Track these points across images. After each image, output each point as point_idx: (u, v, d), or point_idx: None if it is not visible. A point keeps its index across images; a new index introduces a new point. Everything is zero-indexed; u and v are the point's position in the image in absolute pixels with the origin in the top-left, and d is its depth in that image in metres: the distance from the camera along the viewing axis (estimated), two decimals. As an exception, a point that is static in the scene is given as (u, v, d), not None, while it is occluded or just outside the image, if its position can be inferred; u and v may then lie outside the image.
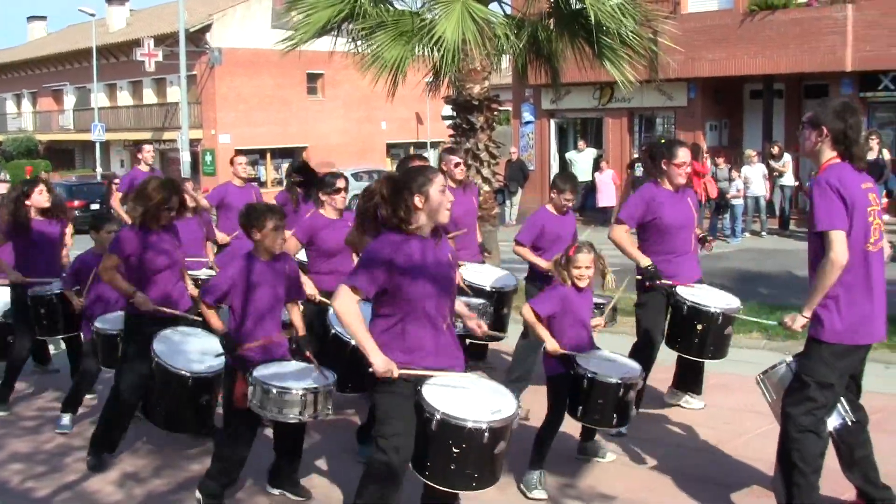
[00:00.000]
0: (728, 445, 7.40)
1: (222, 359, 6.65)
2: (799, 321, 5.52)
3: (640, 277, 7.80)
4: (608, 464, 7.09)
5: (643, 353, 7.67)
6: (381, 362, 5.06)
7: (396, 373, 5.08)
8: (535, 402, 7.39)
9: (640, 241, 7.86)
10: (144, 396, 7.15)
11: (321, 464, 7.25)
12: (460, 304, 5.73)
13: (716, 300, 7.55)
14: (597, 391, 6.39)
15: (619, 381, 6.38)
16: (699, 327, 7.46)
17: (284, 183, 9.80)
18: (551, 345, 6.54)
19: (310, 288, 7.66)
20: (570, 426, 6.93)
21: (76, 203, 30.26)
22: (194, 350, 7.02)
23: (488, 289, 8.55)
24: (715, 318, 7.42)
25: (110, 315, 7.98)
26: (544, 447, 6.65)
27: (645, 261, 7.65)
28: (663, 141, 8.55)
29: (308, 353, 6.39)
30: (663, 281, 7.63)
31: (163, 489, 6.94)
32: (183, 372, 6.77)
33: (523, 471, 6.64)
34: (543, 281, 7.95)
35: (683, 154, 7.69)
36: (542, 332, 6.61)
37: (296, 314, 6.72)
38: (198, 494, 6.42)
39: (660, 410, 8.24)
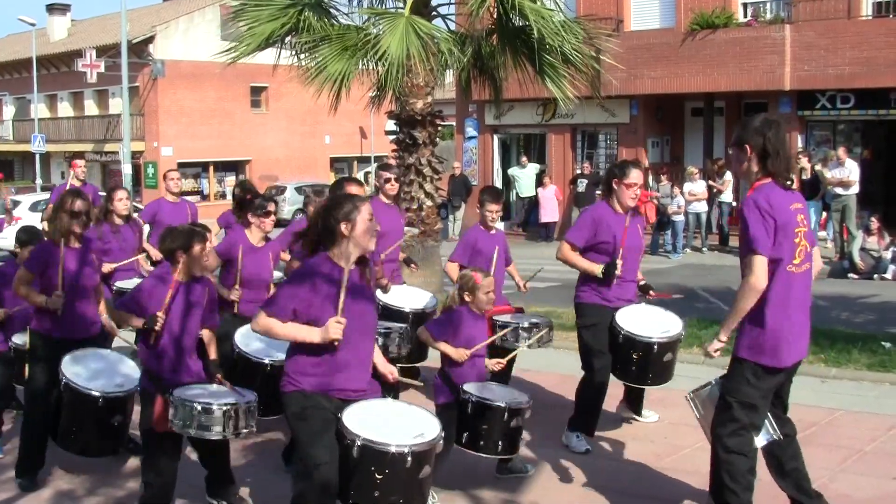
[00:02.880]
0: (665, 460, 7.44)
1: (135, 377, 6.61)
2: (715, 345, 5.57)
3: (580, 302, 7.70)
4: (547, 480, 7.09)
5: (596, 377, 7.57)
6: (322, 331, 5.07)
7: (342, 320, 5.04)
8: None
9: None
10: (54, 425, 6.95)
11: (255, 482, 7.17)
12: (376, 353, 5.66)
13: (654, 327, 7.43)
14: (483, 417, 6.33)
15: (505, 406, 6.32)
16: (635, 356, 7.41)
17: (232, 203, 9.71)
18: (456, 354, 6.53)
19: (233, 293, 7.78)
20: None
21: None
22: (106, 371, 6.88)
23: (407, 310, 8.56)
24: (650, 348, 7.36)
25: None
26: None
27: (597, 267, 7.47)
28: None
29: (219, 376, 6.33)
30: (618, 272, 7.44)
31: (99, 507, 6.84)
32: (94, 392, 6.63)
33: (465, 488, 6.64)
34: None
35: (635, 175, 7.48)
36: (442, 346, 6.63)
37: (208, 337, 6.64)
38: None
39: (600, 425, 8.27)
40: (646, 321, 7.52)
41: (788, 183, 5.47)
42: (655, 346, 7.36)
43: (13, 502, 6.95)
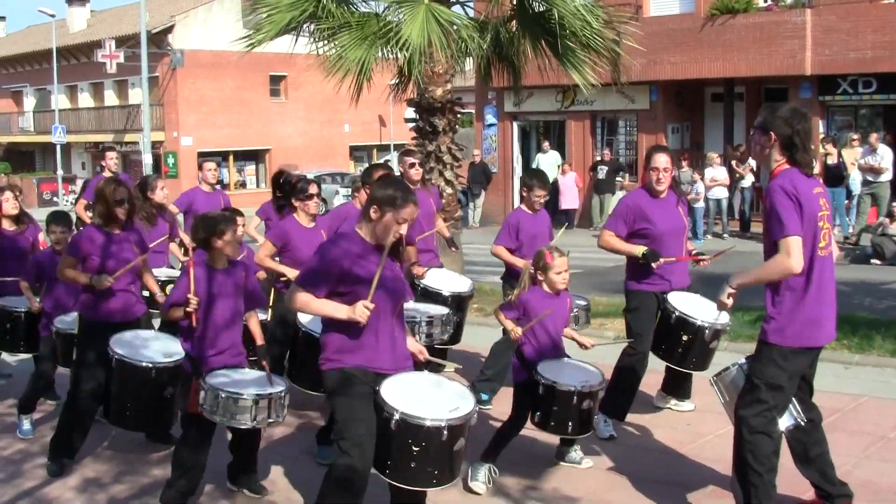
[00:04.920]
0: (688, 447, 7.45)
1: (181, 353, 6.70)
2: (725, 291, 5.57)
3: (627, 289, 7.76)
4: (570, 466, 7.10)
5: (633, 358, 7.66)
6: (350, 311, 5.16)
7: (370, 305, 5.13)
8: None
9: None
10: (105, 401, 7.09)
11: (281, 465, 7.23)
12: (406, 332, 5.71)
13: (705, 313, 7.46)
14: (554, 399, 6.41)
15: (575, 389, 6.38)
16: (685, 338, 7.44)
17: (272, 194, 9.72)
18: (512, 330, 6.62)
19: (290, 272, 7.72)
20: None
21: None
22: (153, 348, 7.02)
23: (445, 294, 8.59)
24: (701, 332, 7.40)
25: (69, 315, 7.91)
26: (500, 445, 6.70)
27: (639, 249, 7.50)
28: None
29: (265, 363, 6.40)
30: (664, 259, 7.50)
31: (125, 494, 6.88)
32: (145, 364, 6.77)
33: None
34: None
35: (657, 160, 7.56)
36: (505, 321, 6.75)
37: (254, 323, 6.74)
38: None
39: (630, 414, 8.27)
40: (698, 306, 7.56)
41: (808, 170, 5.47)
42: (707, 331, 7.40)
43: (40, 489, 7.01)
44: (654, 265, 7.51)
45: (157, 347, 7.04)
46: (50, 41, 46.26)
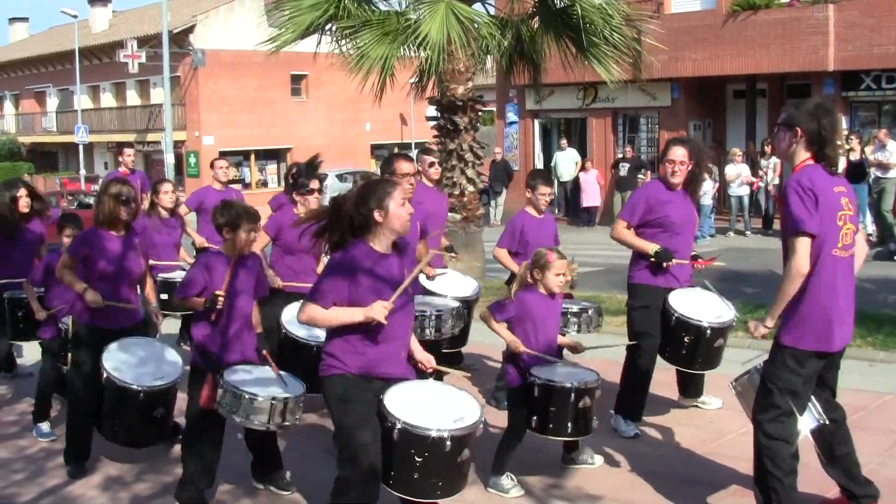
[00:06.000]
0: (711, 445, 7.41)
1: (177, 368, 6.69)
2: (761, 330, 5.51)
3: (632, 283, 7.70)
4: (587, 467, 7.06)
5: (640, 356, 7.60)
6: (371, 311, 5.06)
7: (389, 304, 5.05)
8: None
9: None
10: (98, 416, 6.99)
11: (300, 465, 7.22)
12: (413, 341, 5.62)
13: (707, 311, 7.39)
14: (550, 399, 6.30)
15: (571, 386, 6.28)
16: (687, 339, 7.38)
17: (284, 185, 9.75)
18: (512, 344, 6.49)
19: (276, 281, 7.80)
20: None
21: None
22: (147, 366, 6.87)
23: (449, 298, 8.51)
24: (703, 332, 7.34)
25: None
26: (504, 457, 6.59)
27: (652, 246, 7.46)
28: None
29: (265, 352, 6.39)
30: (676, 261, 7.45)
31: (148, 492, 6.90)
32: (134, 387, 6.64)
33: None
34: None
35: (675, 153, 7.52)
36: (500, 331, 6.60)
37: (254, 311, 6.67)
38: None
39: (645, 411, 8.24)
40: (699, 305, 7.48)
41: (833, 168, 5.41)
42: (708, 331, 7.33)
43: (63, 488, 7.04)
44: (665, 265, 7.45)
45: (150, 367, 6.85)
46: (72, 42, 46.51)
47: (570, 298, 8.61)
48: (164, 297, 8.55)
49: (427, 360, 5.52)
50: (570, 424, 6.35)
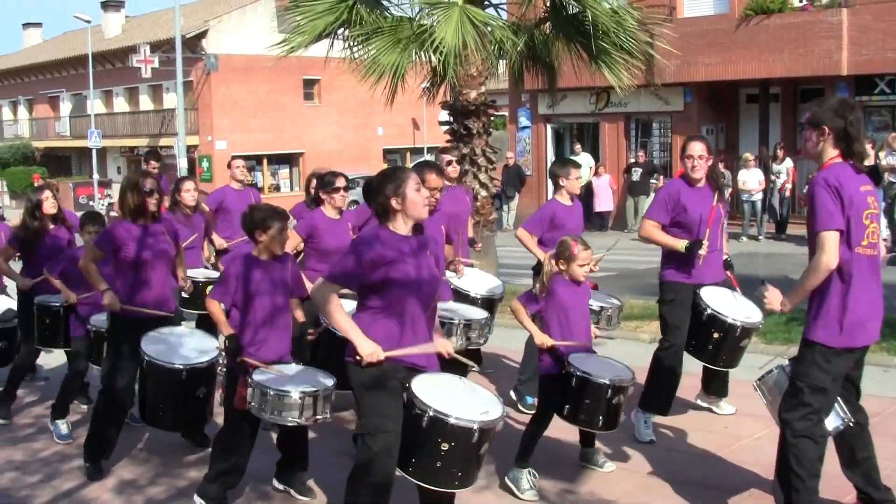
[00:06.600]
0: (726, 450, 7.39)
1: (214, 349, 6.79)
2: (775, 305, 5.50)
3: (662, 280, 7.72)
4: (601, 469, 7.06)
5: (669, 351, 7.63)
6: (366, 346, 5.16)
7: (383, 355, 5.15)
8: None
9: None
10: (141, 402, 7.10)
11: (318, 467, 7.21)
12: (437, 324, 5.70)
13: (737, 310, 7.42)
14: (586, 392, 6.37)
15: (608, 383, 6.35)
16: (716, 335, 7.39)
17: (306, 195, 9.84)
18: (539, 338, 6.56)
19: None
20: (571, 432, 6.95)
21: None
22: (185, 346, 7.01)
23: (474, 295, 8.53)
24: (733, 330, 7.35)
25: (104, 314, 7.93)
26: (530, 446, 6.65)
27: (681, 243, 7.47)
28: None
29: (311, 331, 6.56)
30: (706, 244, 7.40)
31: (162, 496, 6.92)
32: (176, 365, 6.77)
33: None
34: None
35: (694, 147, 7.52)
36: (530, 325, 6.67)
37: (296, 306, 6.74)
38: (197, 500, 6.42)
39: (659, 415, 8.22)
40: (730, 303, 7.50)
41: (862, 165, 5.39)
42: (738, 329, 7.35)
43: (78, 491, 7.06)
44: (700, 252, 7.40)
45: (191, 345, 7.03)
46: (85, 47, 46.67)
47: (595, 289, 8.59)
48: (185, 295, 8.58)
49: (444, 347, 5.57)
50: (601, 418, 6.43)
